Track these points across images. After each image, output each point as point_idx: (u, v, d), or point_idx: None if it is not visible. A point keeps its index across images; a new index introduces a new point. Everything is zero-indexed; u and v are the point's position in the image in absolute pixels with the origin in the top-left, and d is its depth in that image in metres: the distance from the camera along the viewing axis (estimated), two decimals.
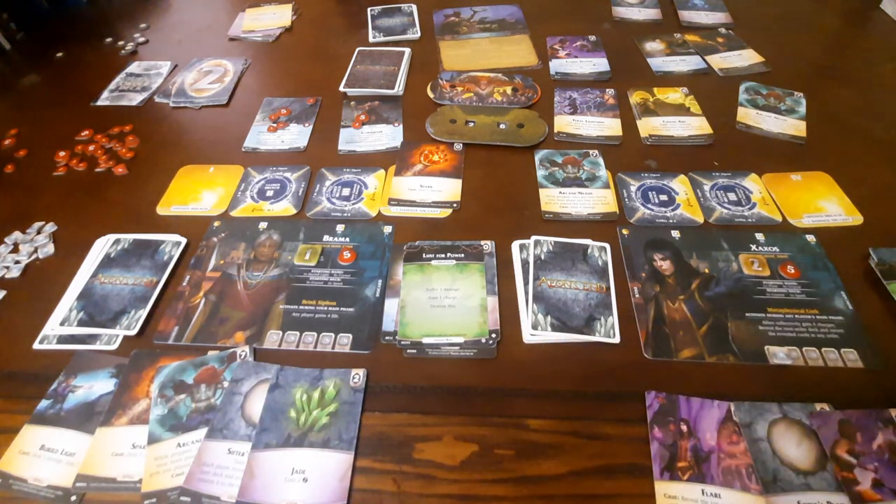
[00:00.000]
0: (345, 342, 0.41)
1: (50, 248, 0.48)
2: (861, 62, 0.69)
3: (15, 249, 0.48)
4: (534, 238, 0.46)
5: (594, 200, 0.50)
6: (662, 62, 0.68)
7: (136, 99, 0.66)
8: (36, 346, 0.41)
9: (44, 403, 0.38)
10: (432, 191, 0.52)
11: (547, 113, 0.61)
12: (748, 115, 0.60)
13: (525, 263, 0.45)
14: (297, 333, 0.41)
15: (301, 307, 0.43)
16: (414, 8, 0.81)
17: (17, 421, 0.37)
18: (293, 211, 0.51)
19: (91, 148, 0.59)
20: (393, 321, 0.41)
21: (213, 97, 0.65)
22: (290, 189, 0.53)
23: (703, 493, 0.32)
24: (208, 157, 0.57)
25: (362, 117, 0.61)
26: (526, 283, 0.43)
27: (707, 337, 0.40)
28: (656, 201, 0.50)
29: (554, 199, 0.51)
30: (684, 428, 0.35)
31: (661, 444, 0.34)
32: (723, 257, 0.45)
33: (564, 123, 0.59)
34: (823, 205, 0.49)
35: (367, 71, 0.67)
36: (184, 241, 0.48)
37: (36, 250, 0.48)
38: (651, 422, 0.35)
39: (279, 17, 0.80)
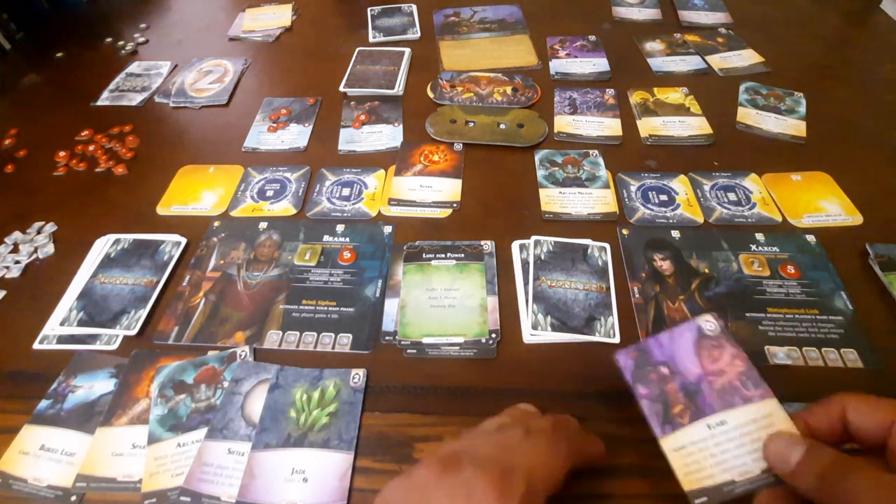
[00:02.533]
0: (345, 342, 0.41)
1: (50, 248, 0.48)
2: (861, 62, 0.69)
3: (15, 249, 0.48)
4: (534, 238, 0.46)
5: (594, 200, 0.50)
6: (662, 62, 0.68)
7: (136, 99, 0.66)
8: (36, 346, 0.41)
9: (44, 403, 0.38)
10: (432, 191, 0.52)
11: (547, 113, 0.61)
12: (748, 115, 0.60)
13: (525, 263, 0.45)
14: (297, 333, 0.41)
15: (301, 307, 0.43)
16: (414, 8, 0.81)
17: (17, 421, 0.37)
18: (293, 211, 0.51)
19: (91, 148, 0.59)
20: (393, 321, 0.41)
21: (213, 97, 0.65)
22: (290, 189, 0.53)
23: (708, 427, 0.30)
24: (208, 157, 0.57)
25: (362, 117, 0.61)
26: (526, 283, 0.43)
27: None
28: (656, 201, 0.50)
29: (554, 199, 0.51)
30: (665, 371, 0.32)
31: (649, 400, 0.31)
32: (723, 257, 0.45)
33: (564, 123, 0.59)
34: (823, 205, 0.49)
35: (367, 71, 0.67)
36: (184, 241, 0.48)
37: (36, 250, 0.48)
38: (633, 381, 0.32)
39: (279, 17, 0.81)
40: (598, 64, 0.68)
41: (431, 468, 0.27)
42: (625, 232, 0.47)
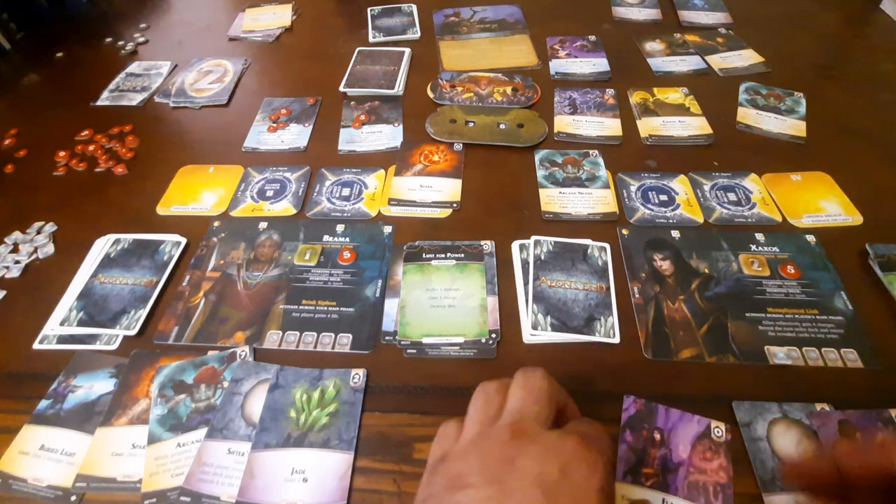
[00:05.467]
0: (345, 342, 0.41)
1: (50, 248, 0.48)
2: (861, 62, 0.69)
3: (15, 249, 0.48)
4: (534, 238, 0.46)
5: (594, 200, 0.50)
6: (662, 62, 0.68)
7: (136, 99, 0.66)
8: (36, 346, 0.41)
9: (44, 403, 0.38)
10: (432, 191, 0.52)
11: (547, 113, 0.61)
12: (748, 115, 0.60)
13: (525, 263, 0.45)
14: (297, 333, 0.41)
15: (301, 307, 0.43)
16: (414, 8, 0.81)
17: (17, 421, 0.37)
18: (293, 211, 0.51)
19: (91, 148, 0.59)
20: (393, 321, 0.41)
21: (213, 97, 0.65)
22: (290, 189, 0.53)
23: (663, 502, 0.32)
24: (208, 157, 0.57)
25: (362, 117, 0.61)
26: (526, 283, 0.43)
27: (707, 337, 0.40)
28: (656, 201, 0.50)
29: (554, 199, 0.51)
30: (657, 436, 0.34)
31: (629, 448, 0.34)
32: (723, 257, 0.45)
33: (564, 123, 0.59)
34: (823, 205, 0.49)
35: (367, 71, 0.67)
36: (184, 241, 0.48)
37: (36, 250, 0.48)
38: (624, 424, 0.35)
39: (279, 17, 0.81)
40: (598, 64, 0.68)
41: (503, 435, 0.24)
42: (625, 232, 0.47)
